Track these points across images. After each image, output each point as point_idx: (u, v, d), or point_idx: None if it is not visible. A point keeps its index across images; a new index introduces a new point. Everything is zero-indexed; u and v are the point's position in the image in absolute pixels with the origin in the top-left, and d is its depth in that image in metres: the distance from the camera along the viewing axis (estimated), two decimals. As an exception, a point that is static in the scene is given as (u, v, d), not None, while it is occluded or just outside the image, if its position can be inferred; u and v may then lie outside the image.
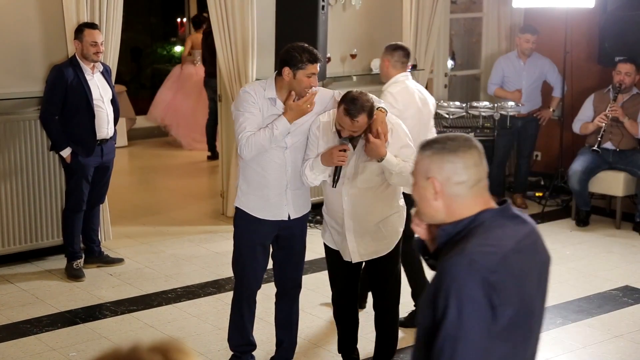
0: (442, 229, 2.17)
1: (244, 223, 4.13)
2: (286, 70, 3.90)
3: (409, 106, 4.91)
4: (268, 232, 4.14)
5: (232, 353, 4.32)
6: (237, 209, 4.16)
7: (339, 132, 3.88)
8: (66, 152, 5.48)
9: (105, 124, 5.55)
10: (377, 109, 3.87)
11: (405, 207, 4.17)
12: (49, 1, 5.76)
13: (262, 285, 4.87)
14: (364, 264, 4.18)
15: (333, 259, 4.18)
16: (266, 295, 4.85)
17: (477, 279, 1.97)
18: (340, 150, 3.82)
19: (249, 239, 4.14)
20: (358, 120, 3.77)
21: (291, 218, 4.12)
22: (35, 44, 5.78)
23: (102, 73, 5.57)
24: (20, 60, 5.75)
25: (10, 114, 5.73)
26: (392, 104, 4.77)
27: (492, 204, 2.17)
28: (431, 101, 5.12)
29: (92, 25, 5.53)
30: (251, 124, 3.91)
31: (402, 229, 4.11)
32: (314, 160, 3.95)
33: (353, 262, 4.07)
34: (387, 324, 4.20)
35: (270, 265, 4.29)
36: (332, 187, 3.93)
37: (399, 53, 5.12)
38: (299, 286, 4.33)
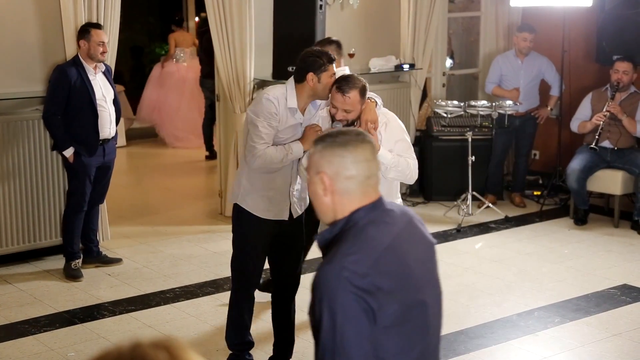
0: (320, 235, 2.15)
1: (245, 221, 4.12)
2: (310, 76, 3.91)
3: None
4: (269, 231, 4.14)
5: (229, 352, 4.32)
6: (238, 206, 4.14)
7: (333, 118, 3.86)
8: (69, 152, 5.48)
9: (107, 124, 5.57)
10: (367, 98, 3.88)
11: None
12: (47, 1, 5.76)
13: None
14: None
15: None
16: (264, 295, 4.86)
17: (348, 287, 1.95)
18: None
19: (251, 238, 4.13)
20: (349, 97, 3.77)
21: (293, 217, 4.13)
22: (32, 44, 5.78)
23: (103, 73, 5.58)
24: (18, 60, 5.75)
25: (8, 114, 5.72)
26: None
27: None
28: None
29: (97, 26, 5.56)
30: (269, 136, 3.91)
31: None
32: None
33: None
34: None
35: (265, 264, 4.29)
36: None
37: (334, 46, 5.21)
38: (297, 284, 4.33)
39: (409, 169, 3.90)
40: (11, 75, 5.73)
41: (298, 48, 6.15)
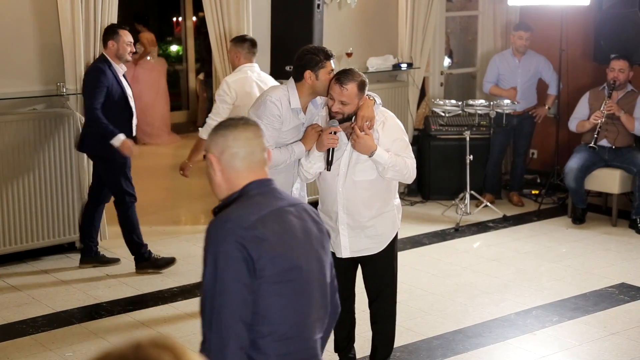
0: (215, 207, 2.36)
1: None
2: (307, 74, 3.92)
3: (243, 97, 5.16)
4: None
5: None
6: None
7: (330, 115, 3.83)
8: (122, 136, 5.45)
9: (134, 122, 5.75)
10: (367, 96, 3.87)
11: (401, 207, 4.14)
12: (44, 1, 5.75)
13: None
14: (359, 266, 4.14)
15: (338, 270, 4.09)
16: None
17: (231, 236, 2.16)
18: (330, 133, 3.79)
19: None
20: (347, 88, 3.74)
21: None
22: (29, 43, 5.77)
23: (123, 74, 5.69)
24: (15, 60, 5.74)
25: (4, 114, 5.71)
26: (225, 91, 5.20)
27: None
28: None
29: (123, 26, 5.65)
30: (272, 138, 3.88)
31: (396, 228, 4.08)
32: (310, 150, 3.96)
33: (342, 257, 3.98)
34: (383, 323, 4.17)
35: None
36: (327, 169, 3.87)
37: (247, 44, 5.40)
38: None
39: (406, 168, 3.86)
40: (8, 75, 5.72)
41: (296, 47, 6.17)
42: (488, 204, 7.20)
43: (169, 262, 5.75)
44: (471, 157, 7.00)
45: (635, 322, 4.93)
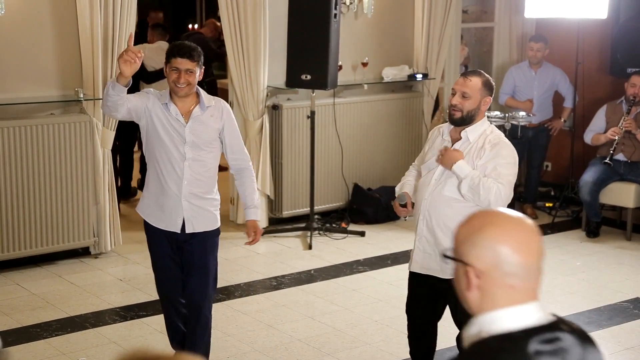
0: None
1: (147, 230, 4.05)
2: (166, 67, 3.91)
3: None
4: (167, 241, 4.00)
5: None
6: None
7: (449, 109, 3.70)
8: None
9: None
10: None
11: None
12: (63, 6, 5.79)
13: (271, 293, 4.80)
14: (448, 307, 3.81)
15: (412, 287, 3.86)
16: (275, 302, 4.85)
17: None
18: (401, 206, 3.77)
19: (154, 246, 4.05)
20: (471, 80, 3.62)
21: (186, 232, 3.93)
22: (48, 48, 5.81)
23: None
24: (34, 65, 5.77)
25: (23, 118, 5.75)
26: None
27: None
28: None
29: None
30: (130, 99, 3.79)
31: None
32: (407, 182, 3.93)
33: (410, 270, 3.77)
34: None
35: None
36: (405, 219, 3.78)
37: (159, 30, 7.70)
38: (198, 308, 4.02)
39: (485, 189, 3.54)
40: (26, 80, 5.76)
41: (312, 57, 6.22)
42: (502, 215, 7.17)
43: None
44: (485, 168, 6.98)
45: (649, 337, 4.91)
